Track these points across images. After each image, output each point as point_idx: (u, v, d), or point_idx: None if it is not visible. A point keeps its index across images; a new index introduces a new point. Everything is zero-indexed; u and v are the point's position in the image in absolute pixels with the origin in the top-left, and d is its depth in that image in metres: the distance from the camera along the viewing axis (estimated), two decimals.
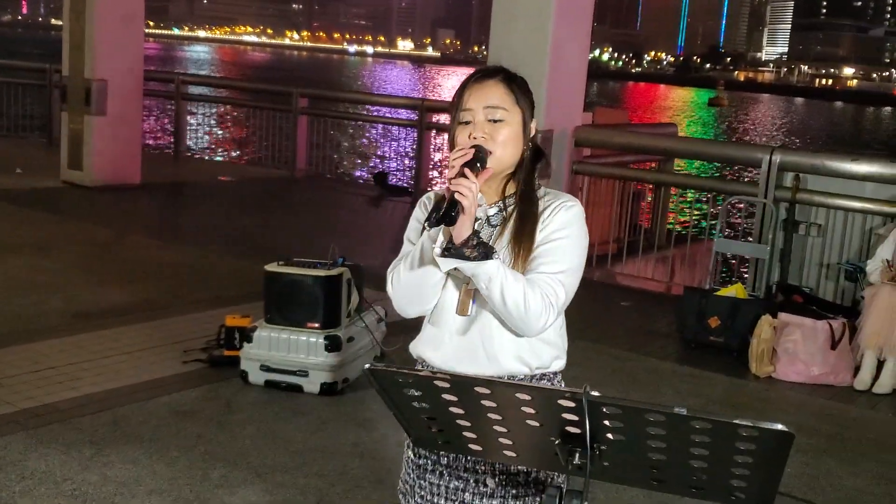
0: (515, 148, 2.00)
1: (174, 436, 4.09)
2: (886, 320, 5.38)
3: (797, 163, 6.84)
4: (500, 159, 1.96)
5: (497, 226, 2.00)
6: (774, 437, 1.30)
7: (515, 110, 2.00)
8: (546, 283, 1.91)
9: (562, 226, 1.97)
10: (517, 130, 2.00)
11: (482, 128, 1.97)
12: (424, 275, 1.94)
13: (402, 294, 2.00)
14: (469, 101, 2.00)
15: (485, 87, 2.00)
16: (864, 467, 4.32)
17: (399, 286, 2.00)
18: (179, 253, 7.47)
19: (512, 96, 2.00)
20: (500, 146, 1.96)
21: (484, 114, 1.98)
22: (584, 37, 7.74)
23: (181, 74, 14.49)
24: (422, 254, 1.93)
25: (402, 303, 2.02)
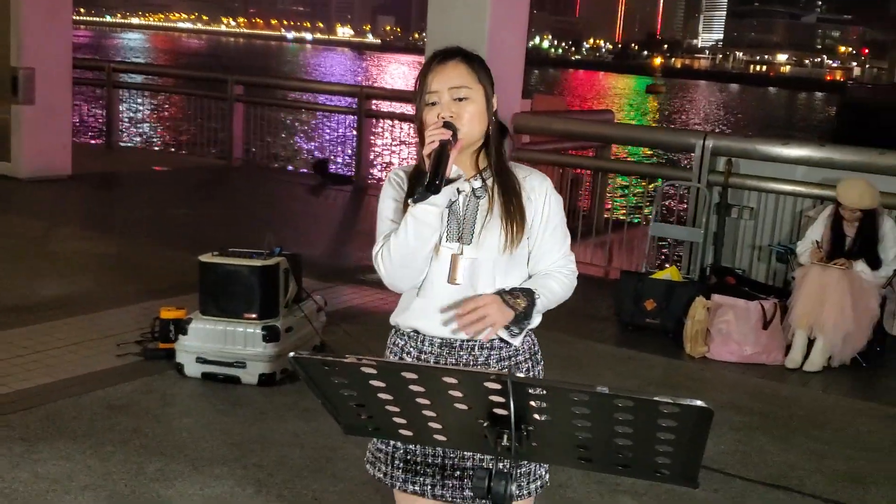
0: (481, 123, 2.13)
1: (109, 430, 4.03)
2: (816, 300, 5.51)
3: (729, 147, 6.96)
4: (468, 134, 2.10)
5: (482, 198, 2.14)
6: (694, 413, 1.32)
7: (478, 87, 2.13)
8: (564, 266, 2.20)
9: (556, 210, 2.19)
10: (481, 106, 2.12)
11: (448, 107, 2.09)
12: (417, 246, 2.06)
13: (395, 269, 2.11)
14: (433, 84, 2.11)
15: (447, 69, 2.12)
16: (794, 443, 4.42)
17: (391, 262, 2.10)
18: (112, 245, 7.34)
19: (473, 74, 2.13)
20: (467, 123, 2.09)
21: (449, 94, 2.10)
22: (522, 24, 7.77)
23: (112, 62, 14.18)
24: (415, 225, 2.05)
25: (395, 277, 2.13)
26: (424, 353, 2.19)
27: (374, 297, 6.40)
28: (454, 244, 2.12)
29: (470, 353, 2.16)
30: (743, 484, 3.95)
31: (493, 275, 2.13)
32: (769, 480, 4.00)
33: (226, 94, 11.87)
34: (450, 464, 2.13)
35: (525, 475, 2.17)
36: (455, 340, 2.16)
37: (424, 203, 2.03)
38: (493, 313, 2.06)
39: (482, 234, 2.12)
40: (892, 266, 5.68)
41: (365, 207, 10.10)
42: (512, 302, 2.09)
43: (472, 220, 2.13)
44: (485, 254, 2.12)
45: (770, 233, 6.82)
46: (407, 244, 2.06)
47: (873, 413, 4.92)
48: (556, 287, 2.18)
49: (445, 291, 2.13)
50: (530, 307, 2.11)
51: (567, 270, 2.22)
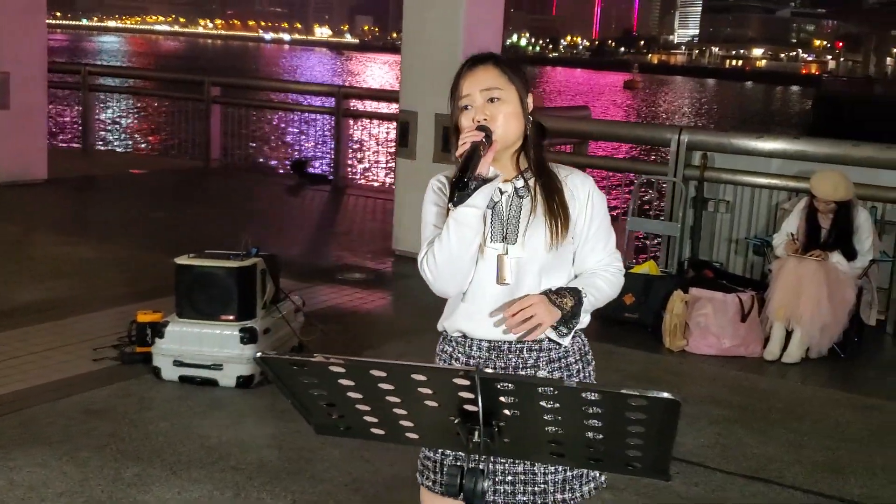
0: (517, 123, 2.13)
1: (85, 436, 4.00)
2: (793, 292, 5.54)
3: (704, 142, 6.98)
4: (504, 136, 2.11)
5: (524, 197, 2.15)
6: (662, 405, 1.32)
7: (510, 88, 2.14)
8: (610, 265, 2.21)
9: (600, 209, 2.19)
10: (515, 107, 2.13)
11: (482, 110, 2.11)
12: (460, 249, 2.07)
13: (441, 274, 2.11)
14: (466, 88, 2.14)
15: (477, 72, 2.14)
16: (773, 435, 4.44)
17: (436, 267, 2.11)
18: (89, 249, 7.28)
19: (504, 76, 2.14)
20: (501, 124, 2.10)
21: (482, 96, 2.12)
22: (497, 21, 7.75)
23: (88, 65, 14.08)
24: (457, 228, 2.06)
25: (442, 282, 2.13)
26: (473, 357, 2.18)
27: (352, 297, 6.39)
28: (499, 244, 2.13)
29: (519, 355, 2.15)
30: (723, 477, 3.96)
31: (539, 274, 2.13)
32: (749, 473, 4.01)
33: (202, 96, 11.81)
34: (500, 469, 2.11)
35: (577, 477, 2.15)
36: (503, 343, 2.15)
37: (464, 206, 2.03)
38: (540, 313, 2.06)
39: (527, 233, 2.13)
40: (867, 257, 5.71)
41: (343, 207, 10.08)
42: (559, 301, 2.09)
43: (515, 219, 2.14)
44: (530, 253, 2.13)
45: (746, 226, 6.85)
46: (450, 248, 2.07)
47: (851, 403, 4.95)
48: (603, 285, 2.18)
49: (491, 293, 2.13)
50: (578, 306, 2.11)
51: (613, 268, 2.22)
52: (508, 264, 2.11)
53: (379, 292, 6.60)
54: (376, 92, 14.88)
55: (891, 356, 5.87)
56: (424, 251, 2.14)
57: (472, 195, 2.03)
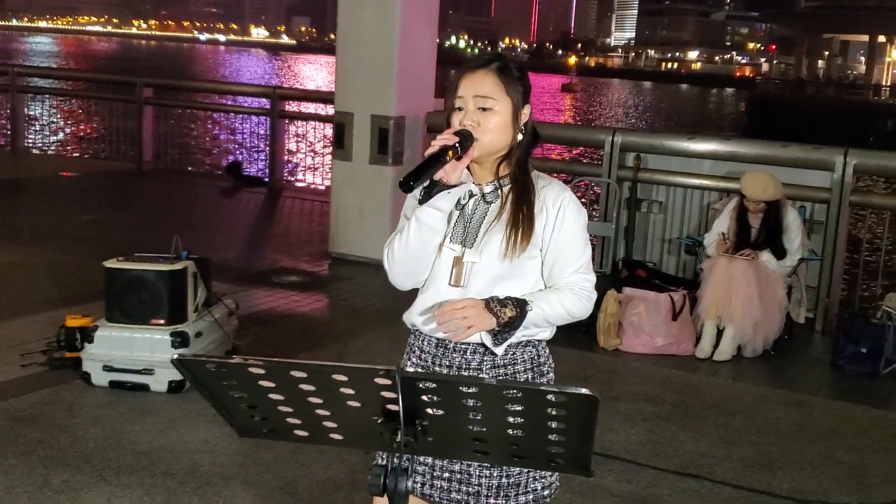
0: (504, 134, 2.11)
1: (12, 442, 3.91)
2: (723, 290, 5.63)
3: (637, 143, 7.07)
4: (487, 145, 2.10)
5: (492, 203, 2.13)
6: (581, 400, 1.33)
7: (505, 100, 2.11)
8: (575, 283, 2.12)
9: (572, 223, 2.13)
10: (506, 118, 2.11)
11: (472, 116, 2.09)
12: (417, 247, 2.09)
13: (397, 266, 2.14)
14: (461, 89, 2.12)
15: (477, 77, 2.12)
16: (705, 431, 4.51)
17: (394, 259, 2.13)
18: (16, 253, 7.11)
19: (502, 86, 2.11)
20: (487, 134, 2.09)
21: (474, 102, 2.10)
22: (433, 22, 7.76)
23: (16, 65, 13.77)
24: (417, 226, 2.07)
25: (397, 274, 2.16)
26: (424, 351, 2.20)
27: (288, 300, 6.34)
28: (457, 246, 2.13)
29: (463, 356, 2.15)
30: (655, 473, 4.02)
31: (492, 282, 2.10)
32: (680, 469, 4.07)
33: (134, 97, 11.61)
34: (438, 465, 2.12)
35: (514, 486, 2.11)
36: (449, 342, 2.14)
37: (427, 205, 2.05)
38: (471, 316, 2.02)
39: (485, 238, 2.11)
40: (796, 256, 5.82)
41: (279, 210, 9.99)
42: (497, 310, 2.04)
43: (477, 224, 2.13)
44: (485, 259, 2.10)
45: (679, 226, 6.95)
46: (408, 244, 2.10)
47: (781, 400, 5.05)
48: (557, 303, 2.10)
49: (444, 293, 2.13)
50: (518, 318, 2.05)
51: (579, 288, 2.13)
52: (462, 268, 2.11)
53: (315, 295, 6.56)
54: (312, 93, 14.77)
55: (819, 353, 6.00)
56: (389, 240, 2.17)
57: (434, 197, 2.04)
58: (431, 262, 2.13)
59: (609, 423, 4.47)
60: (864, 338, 5.53)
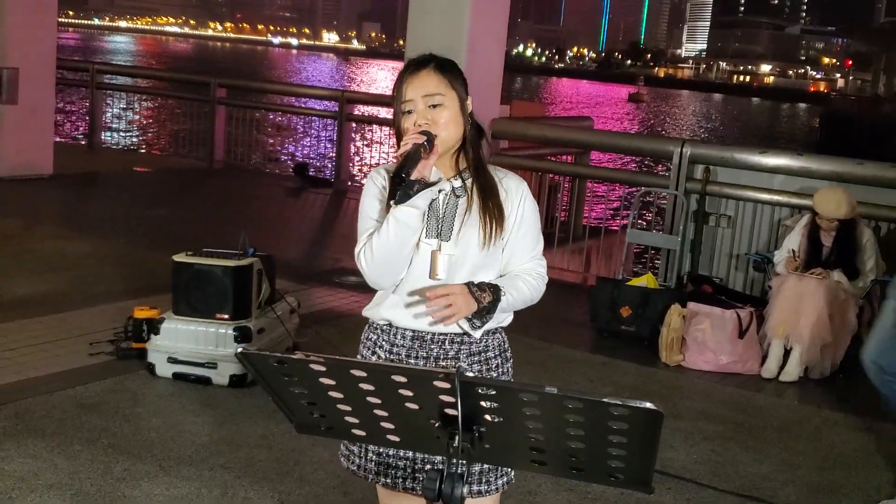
0: (457, 126, 2.20)
1: (77, 429, 3.99)
2: (792, 310, 5.50)
3: (707, 155, 6.96)
4: (445, 140, 2.17)
5: (461, 196, 2.21)
6: (644, 415, 1.31)
7: (451, 93, 2.20)
8: (533, 270, 2.25)
9: (531, 213, 2.25)
10: (455, 111, 2.20)
11: (424, 115, 2.17)
12: (398, 246, 2.13)
13: (377, 267, 2.17)
14: (408, 93, 2.20)
15: (420, 77, 2.20)
16: (768, 454, 4.41)
17: (373, 261, 2.16)
18: (89, 244, 7.28)
19: (446, 81, 2.20)
20: (443, 128, 2.17)
21: (423, 102, 2.18)
22: (501, 30, 7.76)
23: (96, 63, 14.10)
24: (396, 226, 2.11)
25: (377, 275, 2.19)
26: (396, 346, 2.25)
27: (348, 299, 6.37)
28: (433, 241, 2.19)
29: (441, 346, 2.22)
30: (715, 494, 3.93)
31: (471, 272, 2.19)
32: (741, 491, 3.98)
33: (208, 97, 11.82)
34: (420, 458, 2.17)
35: (493, 470, 2.21)
36: (426, 333, 2.22)
37: (405, 205, 2.10)
38: (458, 303, 2.10)
39: (461, 231, 2.19)
40: (869, 276, 5.68)
41: (344, 210, 10.07)
42: (478, 294, 2.13)
43: (451, 217, 2.20)
44: (463, 250, 2.19)
45: (748, 241, 6.83)
46: (388, 244, 2.13)
47: (847, 424, 4.91)
48: (524, 288, 2.23)
49: (423, 287, 2.18)
50: (494, 303, 2.15)
51: (536, 273, 2.26)
52: (441, 260, 2.18)
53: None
54: (379, 97, 14.86)
55: None
56: (362, 244, 2.19)
57: (413, 196, 2.09)
58: (410, 259, 2.18)
59: (669, 440, 4.40)
60: None
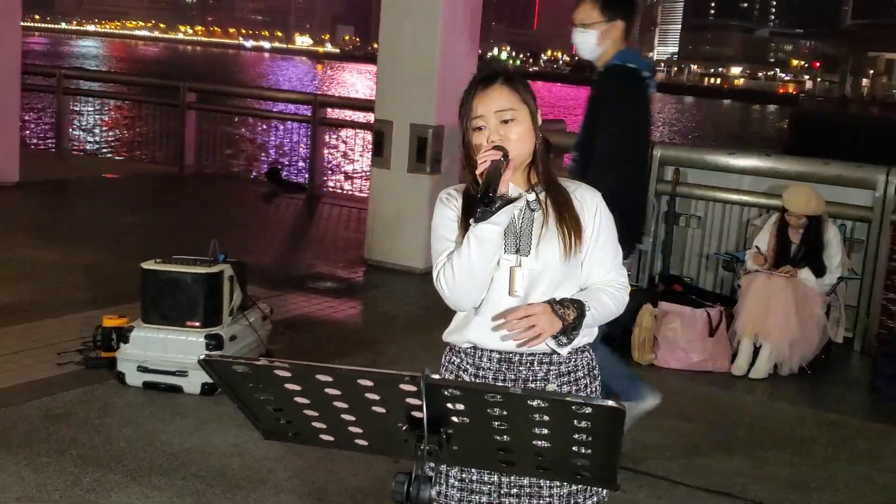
0: (529, 141, 2.16)
1: (45, 440, 3.95)
2: (761, 308, 5.56)
3: (677, 157, 7.01)
4: (519, 155, 2.14)
5: (536, 210, 2.18)
6: (607, 412, 1.32)
7: (523, 108, 2.16)
8: (615, 280, 2.21)
9: (607, 224, 2.21)
10: (527, 125, 2.16)
11: (496, 131, 2.13)
12: (481, 265, 2.08)
13: (458, 288, 2.11)
14: (479, 108, 2.15)
15: (490, 93, 2.15)
16: (738, 450, 4.45)
17: (454, 282, 2.11)
18: (57, 252, 7.21)
19: (517, 95, 2.16)
20: (515, 144, 2.13)
21: (495, 118, 2.14)
22: (473, 34, 7.76)
23: (63, 68, 13.98)
24: (478, 244, 2.07)
25: (458, 296, 2.14)
26: (482, 368, 2.19)
27: (323, 306, 6.36)
28: (511, 256, 2.15)
29: (529, 368, 2.17)
30: (687, 491, 3.97)
31: (551, 286, 2.15)
32: (713, 487, 4.02)
33: (178, 102, 11.75)
34: (507, 481, 2.11)
35: (582, 491, 2.17)
36: (514, 355, 2.16)
37: (486, 222, 2.05)
38: (542, 322, 2.06)
39: (540, 245, 2.15)
40: (835, 274, 5.75)
41: (317, 215, 10.05)
42: (561, 312, 2.09)
43: (528, 232, 2.16)
44: (543, 265, 2.15)
45: (717, 241, 6.88)
46: (470, 264, 2.08)
47: (817, 420, 4.97)
48: (607, 301, 2.18)
49: (504, 305, 2.14)
50: (580, 318, 2.11)
51: (618, 284, 2.22)
52: (520, 276, 2.13)
53: (349, 302, 6.58)
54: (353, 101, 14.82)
55: (857, 374, 5.91)
56: (440, 265, 2.15)
57: (495, 213, 2.04)
58: (491, 278, 2.14)
59: (642, 438, 4.42)
60: None
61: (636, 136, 3.91)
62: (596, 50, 3.88)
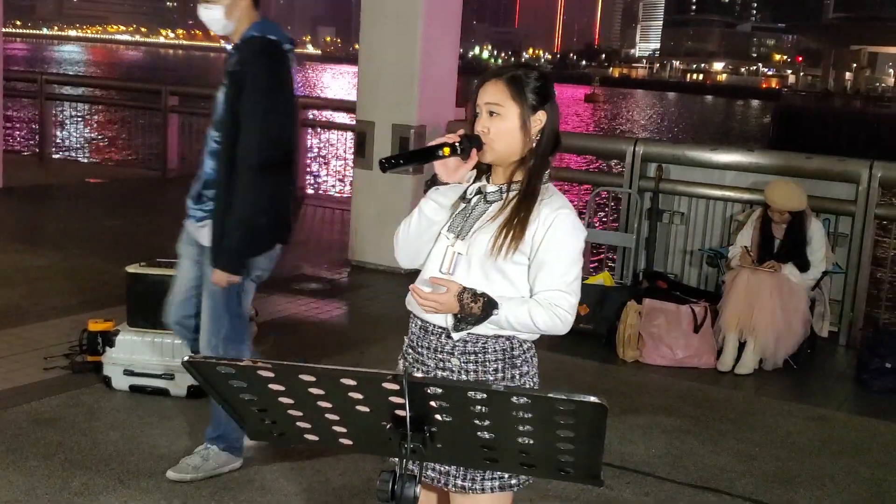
0: (512, 139, 2.22)
1: (33, 445, 3.94)
2: (745, 303, 5.58)
3: (660, 153, 7.03)
4: (498, 151, 2.23)
5: (493, 203, 2.25)
6: (589, 408, 1.33)
7: (511, 105, 2.22)
8: (552, 299, 2.18)
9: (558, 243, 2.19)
10: (513, 124, 2.22)
11: (484, 122, 2.24)
12: (415, 232, 2.31)
13: (402, 247, 2.36)
14: (478, 98, 2.27)
15: (489, 85, 2.26)
16: (725, 445, 4.47)
17: (398, 240, 2.36)
18: (41, 257, 7.18)
19: (508, 93, 2.22)
20: (493, 139, 2.22)
21: (486, 109, 2.25)
22: (454, 34, 7.78)
23: (44, 73, 13.91)
24: (418, 213, 2.30)
25: (402, 255, 2.38)
26: (413, 333, 2.35)
27: (307, 307, 6.35)
28: (451, 235, 2.28)
29: (439, 338, 2.27)
30: (673, 487, 3.98)
31: (481, 276, 2.22)
32: (699, 483, 4.04)
33: (160, 105, 11.71)
34: None
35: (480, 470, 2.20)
36: (429, 325, 2.28)
37: (429, 197, 2.27)
38: (442, 300, 2.16)
39: (476, 233, 2.24)
40: (819, 268, 5.77)
41: (300, 217, 10.02)
42: (467, 301, 2.15)
43: (474, 219, 2.27)
44: (472, 252, 2.23)
45: (701, 237, 6.91)
46: (409, 229, 2.32)
47: (803, 414, 4.99)
48: (530, 313, 2.17)
49: (434, 275, 2.27)
50: (482, 317, 2.16)
51: (551, 304, 2.18)
52: (450, 254, 2.26)
53: (334, 302, 6.58)
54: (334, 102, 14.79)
55: (842, 368, 5.94)
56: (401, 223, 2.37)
57: (435, 189, 2.24)
58: (430, 248, 2.30)
59: (628, 435, 4.44)
60: (890, 353, 5.46)
61: (283, 112, 3.65)
62: (227, 25, 3.63)
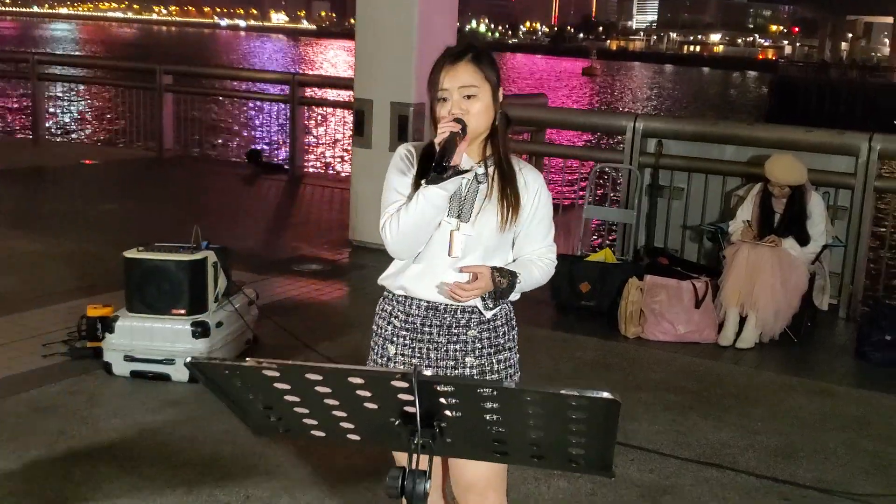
0: (487, 116, 2.34)
1: (34, 433, 3.92)
2: (746, 278, 5.57)
3: (659, 129, 6.99)
4: (475, 128, 2.31)
5: (482, 183, 2.35)
6: (602, 404, 1.31)
7: (485, 85, 2.32)
8: (545, 255, 2.43)
9: (545, 204, 2.41)
10: (487, 101, 2.33)
11: (458, 105, 2.29)
12: (423, 224, 2.28)
13: (400, 240, 2.32)
14: (444, 82, 2.31)
15: (457, 69, 2.31)
16: (727, 421, 4.47)
17: (397, 234, 2.30)
18: (37, 242, 7.14)
19: (481, 73, 2.32)
20: (474, 118, 2.30)
21: (459, 93, 2.30)
22: (452, 8, 7.70)
23: (37, 53, 13.80)
24: (424, 204, 2.26)
25: (399, 247, 2.34)
26: (411, 315, 2.39)
27: (308, 288, 6.33)
28: (453, 220, 2.33)
29: (453, 315, 2.37)
30: (677, 463, 3.98)
31: (484, 253, 2.34)
32: (703, 459, 4.04)
33: (154, 85, 11.63)
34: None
35: None
36: (440, 304, 2.36)
37: (436, 186, 2.23)
38: (480, 285, 2.27)
39: (480, 214, 2.33)
40: (819, 242, 5.76)
41: (300, 197, 9.99)
42: (498, 279, 2.29)
43: (471, 200, 2.34)
44: (479, 232, 2.33)
45: (700, 213, 6.88)
46: (414, 221, 2.27)
47: (804, 388, 4.99)
48: (535, 273, 2.39)
49: (440, 261, 2.33)
50: (510, 288, 2.32)
51: (547, 259, 2.44)
52: (458, 240, 2.32)
53: (335, 283, 6.55)
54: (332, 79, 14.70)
55: (843, 341, 5.94)
56: (388, 216, 2.32)
57: (446, 180, 2.21)
58: (430, 236, 2.33)
59: (631, 412, 4.44)
60: (890, 325, 5.46)
61: None
62: None
